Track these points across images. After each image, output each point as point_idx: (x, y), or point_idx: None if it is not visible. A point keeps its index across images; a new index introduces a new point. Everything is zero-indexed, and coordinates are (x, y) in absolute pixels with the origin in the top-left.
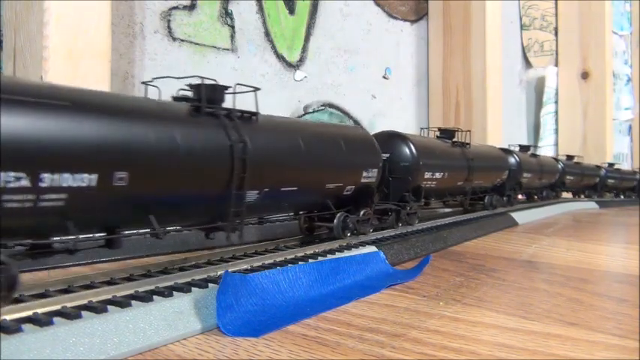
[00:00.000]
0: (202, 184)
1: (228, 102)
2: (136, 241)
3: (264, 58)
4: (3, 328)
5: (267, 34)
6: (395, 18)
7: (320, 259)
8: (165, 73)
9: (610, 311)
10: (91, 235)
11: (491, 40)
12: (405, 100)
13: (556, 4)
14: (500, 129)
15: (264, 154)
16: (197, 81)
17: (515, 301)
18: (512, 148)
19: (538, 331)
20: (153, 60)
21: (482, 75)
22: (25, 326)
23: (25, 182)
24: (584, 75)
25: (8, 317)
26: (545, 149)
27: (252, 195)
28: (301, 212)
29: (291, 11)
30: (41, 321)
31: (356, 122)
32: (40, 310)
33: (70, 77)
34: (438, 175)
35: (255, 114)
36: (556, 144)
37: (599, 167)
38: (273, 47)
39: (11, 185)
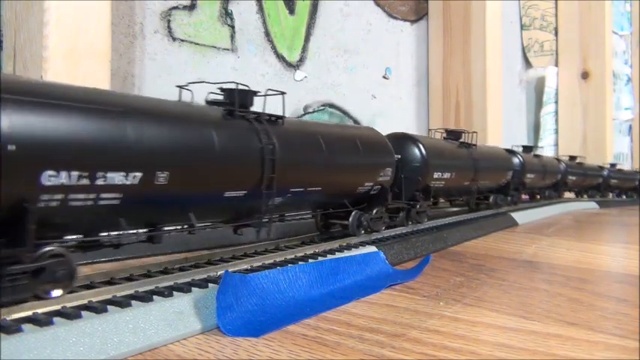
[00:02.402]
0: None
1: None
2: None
3: (264, 58)
4: (3, 328)
5: (267, 34)
6: (395, 18)
7: (320, 259)
8: (166, 74)
9: (610, 311)
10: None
11: (491, 40)
12: (405, 100)
13: (556, 4)
14: (500, 129)
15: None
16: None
17: (515, 301)
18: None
19: (538, 331)
20: (153, 60)
21: (482, 75)
22: (25, 326)
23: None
24: (584, 75)
25: (8, 317)
26: (546, 149)
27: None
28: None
29: (291, 11)
30: (41, 321)
31: (356, 122)
32: (40, 310)
33: (70, 77)
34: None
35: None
36: (556, 144)
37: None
38: (273, 47)
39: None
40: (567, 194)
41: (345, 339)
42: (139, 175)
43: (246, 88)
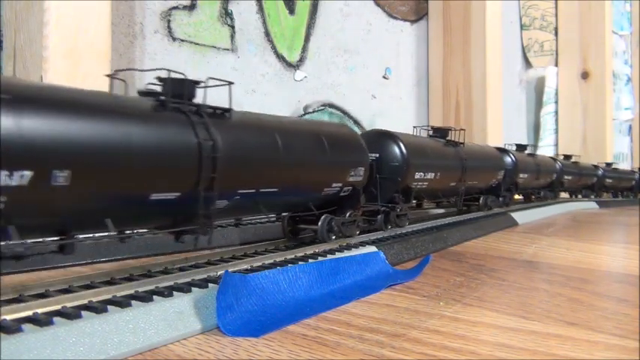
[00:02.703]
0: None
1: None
2: (137, 242)
3: (264, 58)
4: (3, 328)
5: (267, 34)
6: (395, 18)
7: (320, 259)
8: (166, 74)
9: (610, 311)
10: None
11: (491, 40)
12: (405, 100)
13: (556, 4)
14: (500, 129)
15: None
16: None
17: (515, 301)
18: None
19: (538, 331)
20: (153, 60)
21: (482, 75)
22: (25, 326)
23: None
24: (584, 75)
25: (8, 317)
26: (546, 149)
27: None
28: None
29: (291, 11)
30: (41, 321)
31: (356, 122)
32: (40, 310)
33: (70, 77)
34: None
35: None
36: (556, 144)
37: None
38: (273, 47)
39: None
40: (562, 194)
41: (345, 339)
42: (28, 174)
43: (183, 76)
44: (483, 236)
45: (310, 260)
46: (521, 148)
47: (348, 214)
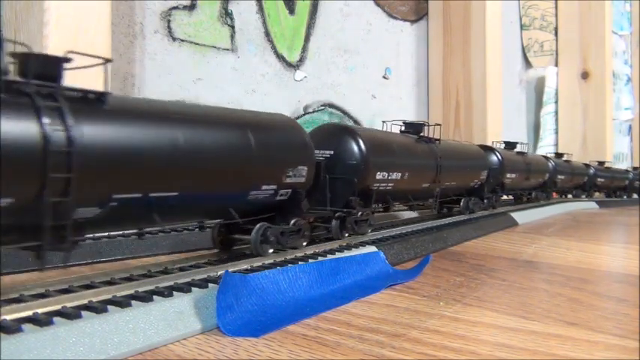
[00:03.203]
0: None
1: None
2: (137, 242)
3: (264, 58)
4: (3, 328)
5: (267, 34)
6: (395, 18)
7: (320, 259)
8: (166, 73)
9: (610, 311)
10: None
11: (491, 40)
12: (405, 100)
13: (556, 4)
14: (500, 129)
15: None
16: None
17: (515, 301)
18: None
19: (538, 331)
20: (153, 60)
21: (482, 75)
22: (25, 326)
23: None
24: (584, 75)
25: (8, 317)
26: (546, 149)
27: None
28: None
29: (291, 11)
30: (41, 321)
31: (356, 122)
32: (40, 310)
33: (70, 77)
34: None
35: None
36: (556, 144)
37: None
38: (273, 47)
39: None
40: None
41: (345, 339)
42: None
43: (28, 49)
44: (483, 236)
45: (310, 260)
46: (510, 145)
47: (292, 222)
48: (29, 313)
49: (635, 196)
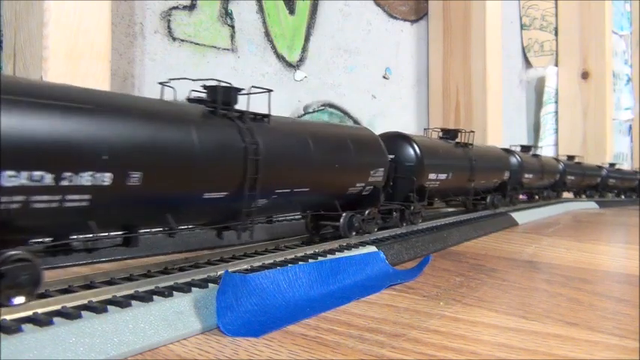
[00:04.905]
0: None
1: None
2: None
3: (264, 58)
4: (3, 328)
5: (267, 34)
6: (395, 18)
7: (320, 259)
8: (166, 73)
9: (610, 311)
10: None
11: (491, 40)
12: (405, 100)
13: (556, 4)
14: (500, 129)
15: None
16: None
17: (515, 301)
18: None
19: (538, 331)
20: (153, 60)
21: (482, 75)
22: (25, 326)
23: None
24: (584, 75)
25: (8, 317)
26: (546, 149)
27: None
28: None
29: (291, 11)
30: (41, 321)
31: (356, 122)
32: (40, 310)
33: (70, 77)
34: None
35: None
36: (556, 144)
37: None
38: (273, 47)
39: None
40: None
41: (345, 339)
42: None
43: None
44: (483, 236)
45: (310, 260)
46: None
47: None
48: (29, 313)
49: None
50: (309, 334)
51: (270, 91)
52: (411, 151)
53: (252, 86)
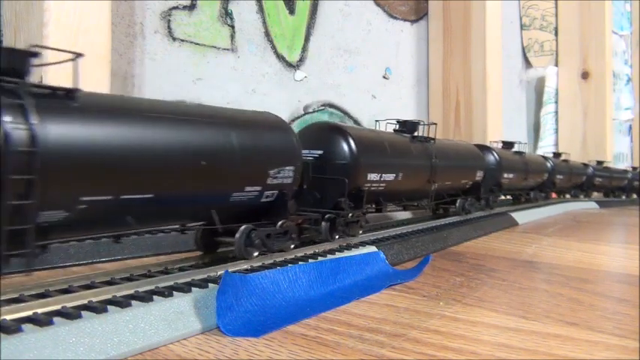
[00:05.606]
0: None
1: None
2: (137, 241)
3: (264, 58)
4: (3, 328)
5: (267, 34)
6: (395, 18)
7: (320, 259)
8: (166, 74)
9: (610, 311)
10: None
11: (491, 40)
12: (405, 100)
13: (556, 4)
14: (500, 129)
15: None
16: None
17: (515, 301)
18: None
19: (538, 331)
20: (153, 60)
21: (482, 75)
22: (25, 326)
23: None
24: (584, 75)
25: (8, 317)
26: (546, 149)
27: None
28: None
29: (291, 11)
30: (41, 321)
31: (356, 122)
32: (40, 310)
33: (70, 77)
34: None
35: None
36: (556, 144)
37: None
38: (273, 47)
39: None
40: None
41: (345, 339)
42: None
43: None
44: (483, 236)
45: (310, 260)
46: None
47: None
48: (29, 313)
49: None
50: (309, 334)
51: (79, 55)
52: (345, 147)
53: (35, 45)
